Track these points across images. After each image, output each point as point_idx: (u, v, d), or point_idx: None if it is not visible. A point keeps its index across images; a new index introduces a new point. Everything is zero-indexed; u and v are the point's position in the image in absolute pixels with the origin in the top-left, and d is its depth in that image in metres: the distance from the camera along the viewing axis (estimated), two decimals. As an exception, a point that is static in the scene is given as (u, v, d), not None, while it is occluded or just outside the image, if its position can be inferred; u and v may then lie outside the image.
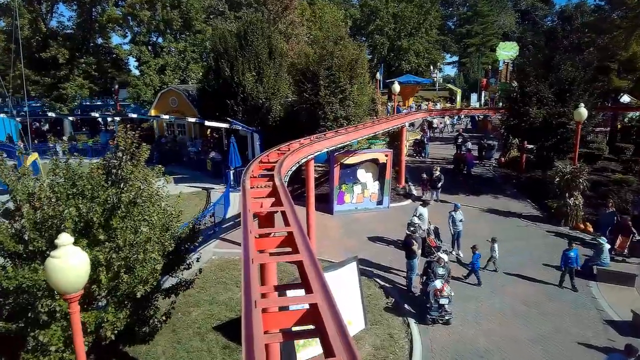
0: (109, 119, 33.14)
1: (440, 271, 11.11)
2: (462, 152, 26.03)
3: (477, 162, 26.13)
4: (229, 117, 22.36)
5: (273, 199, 6.46)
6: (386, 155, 18.48)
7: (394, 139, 24.55)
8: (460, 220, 13.89)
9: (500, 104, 50.00)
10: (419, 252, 12.53)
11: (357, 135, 14.99)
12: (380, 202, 18.97)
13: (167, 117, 27.14)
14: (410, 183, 22.05)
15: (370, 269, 13.24)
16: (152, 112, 30.73)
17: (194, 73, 34.32)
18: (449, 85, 54.90)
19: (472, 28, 67.21)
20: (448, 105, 53.45)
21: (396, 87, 23.06)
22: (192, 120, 25.07)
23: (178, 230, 8.95)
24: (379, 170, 18.66)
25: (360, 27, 56.37)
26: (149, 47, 34.29)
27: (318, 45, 18.75)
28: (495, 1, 69.74)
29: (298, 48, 32.72)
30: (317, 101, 18.48)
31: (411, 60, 54.71)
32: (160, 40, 35.04)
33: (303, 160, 11.22)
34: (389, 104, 46.05)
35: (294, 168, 10.25)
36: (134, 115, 30.31)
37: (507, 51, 53.69)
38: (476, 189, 21.24)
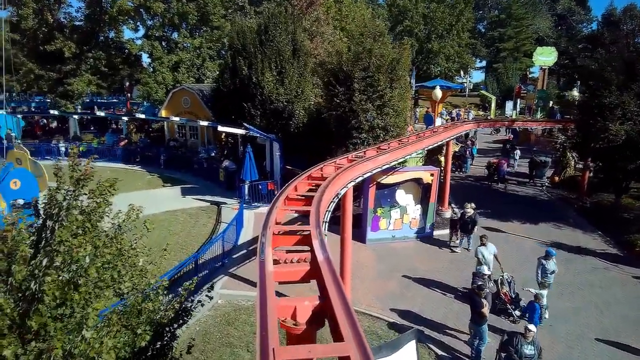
0: (121, 119, 30.59)
1: (528, 350, 8.01)
2: (498, 159, 23.34)
3: (528, 180, 22.80)
4: (245, 121, 19.57)
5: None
6: (432, 175, 15.37)
7: (432, 153, 21.45)
8: (553, 272, 10.64)
9: (539, 113, 46.53)
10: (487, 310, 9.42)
11: (403, 152, 11.95)
12: (421, 230, 15.87)
13: (177, 119, 24.51)
14: (453, 206, 18.89)
15: (418, 325, 10.18)
16: (163, 113, 28.18)
17: (210, 71, 31.69)
18: (483, 92, 51.29)
19: (505, 32, 63.47)
20: (481, 113, 49.92)
21: (438, 93, 20.02)
22: (204, 123, 22.38)
23: (160, 299, 5.99)
24: (422, 191, 15.57)
25: (388, 28, 53.27)
26: (163, 43, 31.78)
27: (353, 42, 15.76)
28: (530, 4, 65.85)
29: (324, 47, 29.93)
30: (350, 107, 15.50)
31: (441, 63, 51.42)
32: (175, 35, 32.51)
33: (342, 191, 8.24)
34: (416, 110, 42.85)
35: (332, 207, 7.26)
36: (142, 116, 27.83)
37: (545, 56, 50.10)
38: (529, 214, 18.00)
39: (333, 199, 7.44)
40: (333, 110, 16.06)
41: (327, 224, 7.12)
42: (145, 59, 36.51)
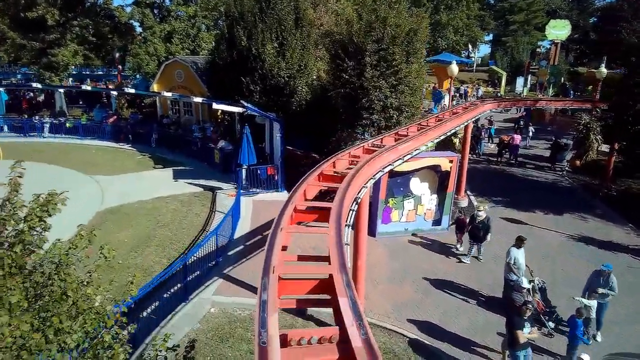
0: (110, 93, 28.52)
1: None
2: (509, 136, 22.12)
3: (550, 165, 21.18)
4: (243, 97, 17.79)
5: None
6: (451, 161, 13.76)
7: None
8: (611, 288, 8.99)
9: (551, 89, 44.44)
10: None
11: (425, 139, 10.30)
12: (437, 222, 14.38)
13: (169, 94, 22.66)
14: (469, 193, 17.38)
15: (441, 342, 8.83)
16: (155, 87, 26.28)
17: (206, 43, 29.55)
18: (493, 67, 48.97)
19: (516, 3, 60.37)
20: (490, 89, 47.77)
21: (454, 69, 18.19)
22: (198, 100, 20.56)
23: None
24: (439, 180, 14.02)
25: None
26: (155, 11, 29.48)
27: (364, 10, 13.83)
28: (543, -27, 62.53)
29: (328, 17, 27.76)
30: (360, 84, 13.74)
31: (449, 36, 48.83)
32: (167, 2, 30.18)
33: (362, 194, 6.64)
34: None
35: (351, 219, 5.69)
36: (132, 90, 25.89)
37: (558, 30, 47.61)
38: (549, 202, 16.54)
39: (352, 206, 5.87)
40: (341, 88, 14.30)
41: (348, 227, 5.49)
42: (139, 28, 34.23)
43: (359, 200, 6.26)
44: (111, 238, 12.36)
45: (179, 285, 9.52)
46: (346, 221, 5.12)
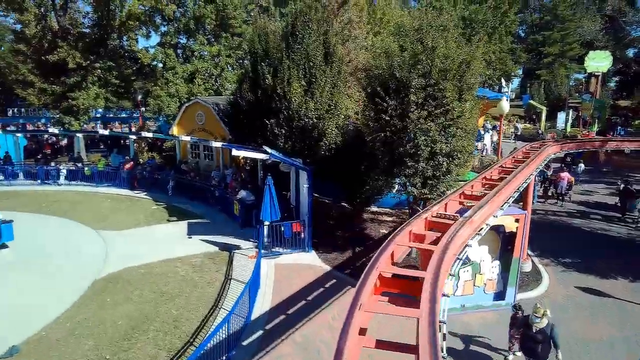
0: (128, 137, 27.31)
1: None
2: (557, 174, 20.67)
3: (618, 215, 18.20)
4: (267, 141, 15.82)
5: None
6: (517, 220, 11.16)
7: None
8: None
9: (596, 125, 41.22)
10: None
11: (500, 200, 7.86)
12: (500, 295, 11.62)
13: (188, 138, 21.02)
14: (529, 253, 14.55)
15: None
16: (175, 130, 24.84)
17: (229, 82, 28.26)
18: (532, 102, 46.24)
19: (549, 34, 58.14)
20: (529, 125, 44.91)
21: (505, 106, 15.80)
22: (217, 144, 18.76)
23: None
24: (502, 242, 11.39)
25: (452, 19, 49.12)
26: (178, 51, 28.56)
27: (406, 40, 11.79)
28: (577, 4, 60.41)
29: (357, 53, 26.16)
30: (403, 126, 11.51)
31: (482, 71, 46.62)
32: (192, 42, 29.25)
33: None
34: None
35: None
36: (149, 134, 24.42)
37: (598, 62, 44.87)
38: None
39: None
40: (380, 131, 12.08)
41: None
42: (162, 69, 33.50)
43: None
44: (104, 318, 10.18)
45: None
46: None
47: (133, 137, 24.92)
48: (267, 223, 13.66)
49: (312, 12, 16.74)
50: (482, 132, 30.72)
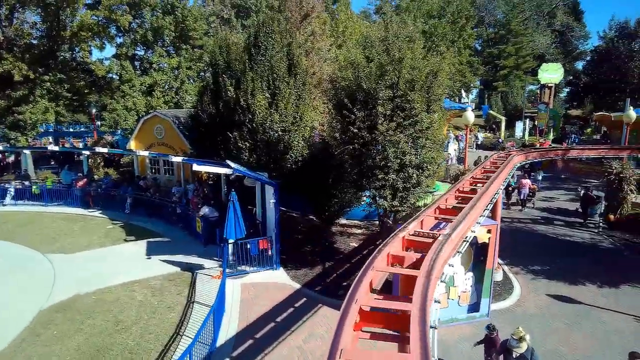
0: (81, 152, 25.77)
1: None
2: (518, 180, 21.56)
3: (580, 221, 18.69)
4: (230, 155, 15.18)
5: None
6: (489, 231, 11.05)
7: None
8: None
9: (551, 134, 42.92)
10: None
11: (476, 214, 7.63)
12: (475, 307, 11.44)
13: (145, 153, 20.01)
14: (500, 261, 14.53)
15: None
16: (132, 144, 23.68)
17: (190, 95, 27.36)
18: (492, 112, 47.64)
19: (504, 48, 60.57)
20: (489, 135, 46.18)
21: (470, 116, 15.96)
22: (177, 159, 17.89)
23: None
24: (475, 254, 11.24)
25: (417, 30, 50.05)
26: (135, 63, 27.44)
27: (372, 51, 11.57)
28: (529, 20, 63.42)
29: (320, 65, 26.03)
30: (372, 138, 11.23)
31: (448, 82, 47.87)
32: (150, 54, 28.22)
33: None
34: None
35: None
36: (104, 150, 23.15)
37: (550, 73, 47.03)
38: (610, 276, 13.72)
39: None
40: (348, 143, 11.75)
41: None
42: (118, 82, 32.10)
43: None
44: (49, 354, 9.17)
45: None
46: None
47: (86, 152, 23.53)
48: (231, 241, 12.95)
49: (275, 24, 16.36)
50: (447, 142, 31.14)
